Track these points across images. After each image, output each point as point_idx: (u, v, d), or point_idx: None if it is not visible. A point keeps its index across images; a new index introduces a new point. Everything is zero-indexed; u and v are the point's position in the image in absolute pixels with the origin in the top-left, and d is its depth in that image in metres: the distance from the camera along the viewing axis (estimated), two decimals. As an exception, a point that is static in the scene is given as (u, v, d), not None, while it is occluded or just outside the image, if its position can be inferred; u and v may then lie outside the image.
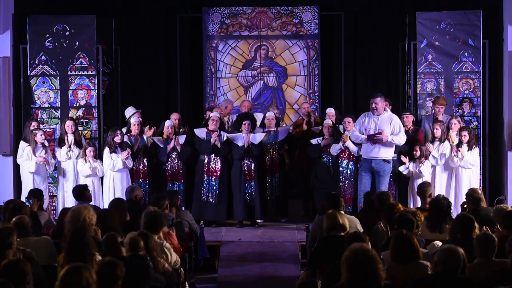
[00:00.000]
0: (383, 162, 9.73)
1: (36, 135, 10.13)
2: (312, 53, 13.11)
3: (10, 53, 10.94)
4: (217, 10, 13.05)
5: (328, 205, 7.62)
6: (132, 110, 10.87)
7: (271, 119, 10.71)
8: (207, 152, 10.41)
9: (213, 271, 9.09)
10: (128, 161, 10.13)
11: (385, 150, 9.72)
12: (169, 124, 10.55)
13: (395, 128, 9.76)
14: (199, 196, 10.42)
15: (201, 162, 10.46)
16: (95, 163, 10.16)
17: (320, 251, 6.67)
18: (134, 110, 10.85)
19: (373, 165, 9.75)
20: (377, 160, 9.73)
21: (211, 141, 10.35)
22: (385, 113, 9.84)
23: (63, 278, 4.40)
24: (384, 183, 9.73)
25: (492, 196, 10.71)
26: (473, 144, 10.11)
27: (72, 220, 6.51)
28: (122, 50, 12.34)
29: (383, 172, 9.74)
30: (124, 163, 10.09)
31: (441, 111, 10.60)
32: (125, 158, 10.05)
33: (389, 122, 9.78)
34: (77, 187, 9.01)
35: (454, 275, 5.11)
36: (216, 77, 13.15)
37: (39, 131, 10.21)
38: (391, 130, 9.74)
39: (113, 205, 7.85)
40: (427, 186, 8.67)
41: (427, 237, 7.13)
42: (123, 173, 10.18)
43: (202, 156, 10.47)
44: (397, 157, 10.25)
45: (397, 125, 9.78)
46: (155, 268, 6.26)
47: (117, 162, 10.06)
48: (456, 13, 11.17)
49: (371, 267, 4.54)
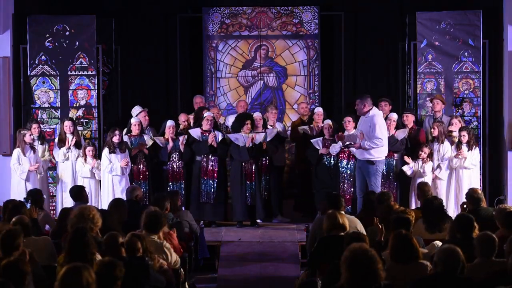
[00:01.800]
0: (366, 163, 9.77)
1: (24, 135, 10.12)
2: (312, 53, 13.10)
3: (10, 53, 10.95)
4: (217, 10, 13.04)
5: (328, 205, 7.62)
6: (139, 109, 10.87)
7: (258, 119, 10.70)
8: (204, 153, 10.40)
9: (213, 271, 9.09)
10: (127, 168, 10.10)
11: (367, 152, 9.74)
12: (170, 124, 10.54)
13: (370, 130, 9.71)
14: (197, 198, 10.41)
15: (198, 163, 10.46)
16: (95, 163, 10.15)
17: (320, 251, 6.67)
18: (140, 109, 10.86)
19: (360, 166, 9.86)
20: (362, 161, 9.82)
21: (208, 141, 10.34)
22: (368, 114, 9.81)
23: (63, 278, 4.40)
24: (371, 183, 9.72)
25: (492, 196, 10.71)
26: (473, 144, 10.12)
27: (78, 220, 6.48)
28: (122, 50, 12.35)
29: (367, 173, 9.78)
30: (121, 169, 10.06)
31: (437, 107, 10.59)
32: (124, 165, 10.03)
33: (368, 123, 9.75)
34: (74, 188, 9.02)
35: (453, 275, 5.11)
36: (216, 77, 13.15)
37: (28, 131, 10.20)
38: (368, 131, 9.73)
39: (113, 206, 7.85)
40: (427, 186, 8.67)
41: (426, 238, 7.13)
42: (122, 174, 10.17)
43: (198, 157, 10.46)
44: (399, 157, 10.27)
45: (372, 127, 9.71)
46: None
47: (115, 167, 10.03)
48: (456, 13, 11.17)
49: (371, 267, 4.54)
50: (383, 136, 9.75)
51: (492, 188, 11.06)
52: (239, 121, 10.55)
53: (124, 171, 10.09)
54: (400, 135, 10.27)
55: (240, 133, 10.43)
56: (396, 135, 10.26)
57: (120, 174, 10.04)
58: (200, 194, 10.41)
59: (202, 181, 10.41)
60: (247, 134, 10.37)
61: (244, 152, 10.32)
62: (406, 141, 10.30)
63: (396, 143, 10.19)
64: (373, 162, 9.74)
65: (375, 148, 9.69)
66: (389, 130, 10.17)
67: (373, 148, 9.69)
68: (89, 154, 10.13)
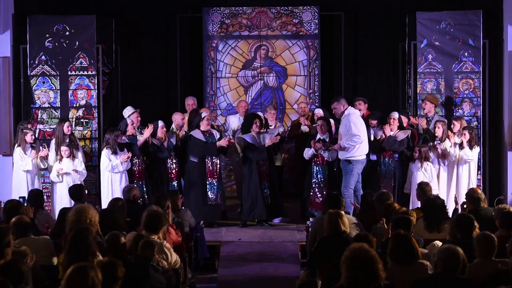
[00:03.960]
0: (345, 162, 9.99)
1: (26, 135, 10.14)
2: (312, 53, 13.11)
3: (10, 53, 10.94)
4: (217, 10, 13.05)
5: (328, 205, 7.62)
6: (131, 109, 10.86)
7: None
8: (211, 154, 10.37)
9: (213, 271, 9.09)
10: (127, 164, 10.10)
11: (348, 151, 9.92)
12: (162, 124, 10.53)
13: (346, 129, 9.92)
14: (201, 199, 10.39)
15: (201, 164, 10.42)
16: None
17: (320, 251, 6.67)
18: (132, 110, 10.85)
19: (341, 165, 10.07)
20: (342, 161, 10.04)
21: (223, 143, 10.31)
22: (344, 114, 10.01)
23: (69, 277, 4.39)
24: (343, 181, 9.97)
25: (492, 196, 10.71)
26: (474, 144, 10.16)
27: (76, 219, 6.48)
28: (122, 50, 12.35)
29: (344, 171, 9.99)
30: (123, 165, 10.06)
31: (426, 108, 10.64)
32: (125, 160, 10.01)
33: (345, 123, 9.96)
34: (73, 187, 9.01)
35: (453, 276, 5.11)
36: (216, 77, 13.15)
37: (30, 131, 10.20)
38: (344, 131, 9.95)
39: (112, 205, 7.84)
40: (428, 186, 8.66)
41: (426, 237, 7.13)
42: (121, 173, 10.16)
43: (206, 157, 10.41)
44: (398, 157, 10.28)
45: (348, 126, 9.91)
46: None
47: (117, 165, 10.02)
48: (456, 13, 11.18)
49: (371, 267, 4.53)
50: (360, 133, 9.92)
51: (492, 188, 11.06)
52: (248, 121, 10.57)
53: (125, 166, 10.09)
54: (400, 136, 10.28)
55: (251, 133, 10.42)
56: (397, 136, 10.27)
57: (122, 170, 10.04)
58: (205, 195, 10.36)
59: (207, 182, 10.39)
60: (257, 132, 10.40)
61: (262, 152, 10.33)
62: (408, 140, 10.28)
63: (394, 144, 10.20)
64: (350, 161, 9.92)
65: (355, 146, 9.85)
66: (391, 129, 10.24)
67: (352, 145, 9.86)
68: (65, 155, 10.10)
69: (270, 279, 8.74)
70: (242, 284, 8.69)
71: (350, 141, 9.83)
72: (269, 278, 8.77)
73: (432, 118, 10.64)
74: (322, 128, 10.36)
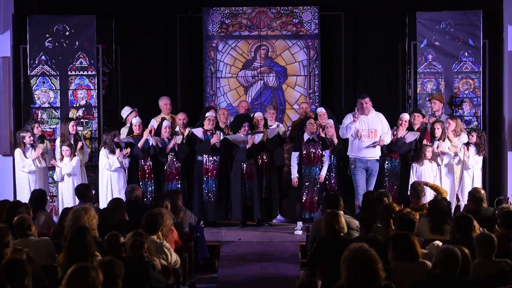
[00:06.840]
0: (376, 162, 9.93)
1: (24, 138, 10.14)
2: (312, 53, 13.10)
3: (10, 53, 10.95)
4: (217, 10, 13.04)
5: (327, 205, 7.62)
6: (129, 109, 10.86)
7: (259, 119, 10.69)
8: (206, 152, 10.40)
9: (213, 271, 9.09)
10: (125, 161, 10.11)
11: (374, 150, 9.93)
12: (166, 124, 10.54)
13: (383, 127, 9.95)
14: (199, 198, 10.41)
15: (199, 162, 10.45)
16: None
17: (320, 251, 6.67)
18: (130, 110, 10.84)
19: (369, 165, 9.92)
20: (372, 160, 9.91)
21: (212, 141, 10.34)
22: (372, 112, 9.97)
23: (70, 277, 4.38)
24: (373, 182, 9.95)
25: (492, 196, 10.69)
26: (482, 150, 10.12)
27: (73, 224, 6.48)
28: (122, 50, 12.34)
29: (375, 172, 9.94)
30: (120, 162, 10.06)
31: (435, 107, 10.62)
32: (123, 156, 10.02)
33: (379, 121, 9.94)
34: (80, 186, 9.01)
35: (452, 276, 5.11)
36: (216, 77, 13.15)
37: (27, 133, 10.20)
38: (381, 129, 9.92)
39: (112, 205, 7.84)
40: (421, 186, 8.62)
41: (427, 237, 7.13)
42: (119, 173, 10.18)
43: (199, 156, 10.45)
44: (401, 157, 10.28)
45: (385, 124, 9.99)
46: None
47: (113, 161, 10.05)
48: (456, 13, 11.18)
49: (371, 267, 4.53)
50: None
51: (492, 188, 11.04)
52: (237, 122, 10.57)
53: (124, 164, 10.08)
54: (409, 137, 10.20)
55: (239, 134, 10.43)
56: (406, 137, 10.22)
57: (119, 166, 10.03)
58: (202, 193, 10.40)
59: (203, 181, 10.41)
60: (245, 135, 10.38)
61: (243, 153, 10.33)
62: (416, 142, 10.24)
63: (404, 146, 10.14)
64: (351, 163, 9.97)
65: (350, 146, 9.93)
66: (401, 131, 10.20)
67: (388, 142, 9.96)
68: (66, 154, 10.10)
69: (270, 279, 8.74)
70: (242, 284, 8.69)
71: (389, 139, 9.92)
72: (269, 278, 8.77)
73: (439, 117, 10.63)
74: (311, 127, 10.21)
